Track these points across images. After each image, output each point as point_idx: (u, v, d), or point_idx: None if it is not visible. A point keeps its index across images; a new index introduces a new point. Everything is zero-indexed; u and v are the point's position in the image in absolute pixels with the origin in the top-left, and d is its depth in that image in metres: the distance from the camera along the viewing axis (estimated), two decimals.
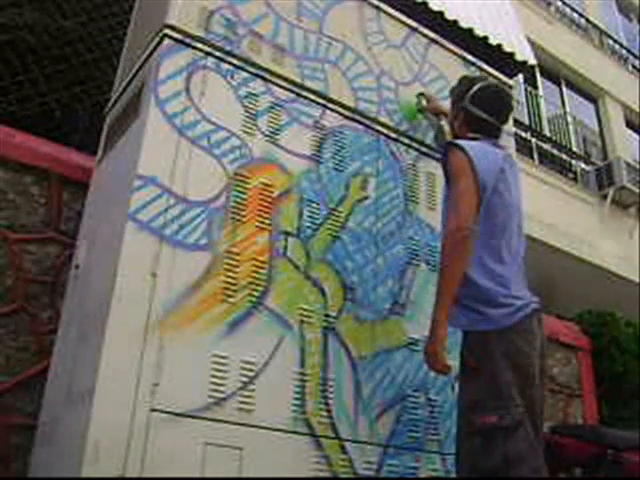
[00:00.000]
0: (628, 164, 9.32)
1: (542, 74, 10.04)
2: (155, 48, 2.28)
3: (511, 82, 3.49)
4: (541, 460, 1.80)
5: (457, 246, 1.92)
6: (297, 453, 2.04)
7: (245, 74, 2.38)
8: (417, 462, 2.28)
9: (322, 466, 2.07)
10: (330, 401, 2.16)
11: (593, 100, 10.95)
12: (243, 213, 2.19)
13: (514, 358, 1.85)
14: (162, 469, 1.79)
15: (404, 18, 3.01)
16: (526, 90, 9.67)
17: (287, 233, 2.27)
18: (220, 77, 2.31)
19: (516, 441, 1.78)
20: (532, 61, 3.93)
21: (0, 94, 3.53)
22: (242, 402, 1.99)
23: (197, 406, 1.90)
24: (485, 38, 3.51)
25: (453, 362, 2.03)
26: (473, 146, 2.06)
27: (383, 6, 2.93)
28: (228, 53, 2.35)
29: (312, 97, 2.53)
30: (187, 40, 2.26)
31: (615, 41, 11.65)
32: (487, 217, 2.01)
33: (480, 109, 2.23)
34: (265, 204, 2.25)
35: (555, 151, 9.59)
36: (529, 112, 9.53)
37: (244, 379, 2.01)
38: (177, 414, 1.86)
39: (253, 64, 2.40)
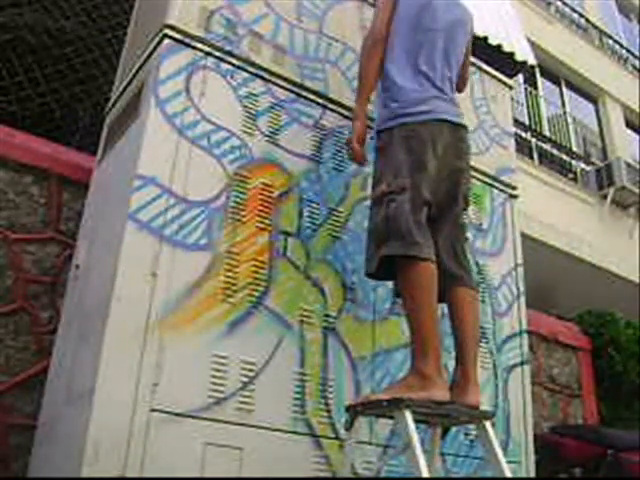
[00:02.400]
0: (628, 164, 9.31)
1: (542, 74, 10.05)
2: (155, 48, 2.28)
3: (511, 82, 3.49)
4: (417, 220, 2.01)
5: (369, 49, 2.29)
6: (297, 453, 2.04)
7: (245, 74, 2.38)
8: None
9: (322, 466, 2.07)
10: (330, 401, 2.16)
11: (593, 100, 10.95)
12: (243, 213, 2.19)
13: (409, 144, 2.12)
14: (162, 469, 1.79)
15: None
16: (526, 90, 9.68)
17: (287, 233, 2.27)
18: (220, 77, 2.31)
19: (397, 203, 2.03)
20: (532, 61, 3.94)
21: (0, 94, 3.53)
22: (242, 402, 1.99)
23: (197, 406, 1.90)
24: (485, 38, 3.51)
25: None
26: None
27: None
28: (228, 53, 2.35)
29: (312, 97, 2.53)
30: (187, 40, 2.26)
31: (615, 41, 11.64)
32: (409, 33, 2.29)
33: None
34: (265, 204, 2.25)
35: (555, 151, 9.60)
36: (529, 112, 9.53)
37: (244, 379, 2.01)
38: (177, 414, 1.86)
39: (253, 64, 2.40)
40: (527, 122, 9.38)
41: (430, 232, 2.07)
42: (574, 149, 9.97)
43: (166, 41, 2.22)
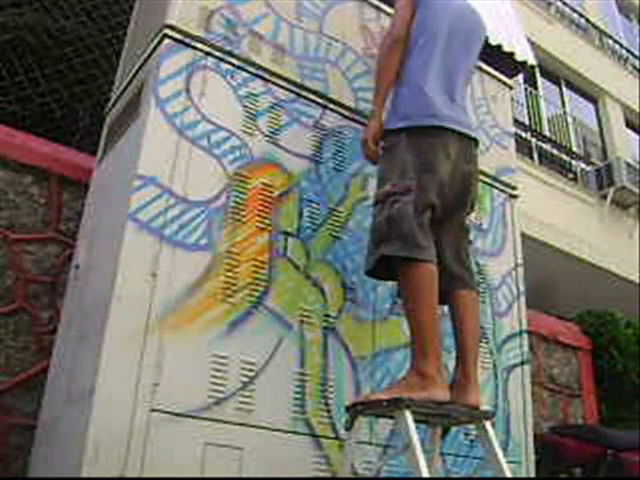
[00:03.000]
0: (628, 164, 9.32)
1: (542, 74, 10.05)
2: (155, 48, 2.28)
3: (511, 82, 3.49)
4: (420, 222, 2.02)
5: (388, 48, 2.28)
6: (297, 453, 2.04)
7: (245, 74, 2.38)
8: None
9: (322, 466, 2.07)
10: (330, 401, 2.16)
11: (593, 100, 10.95)
12: (243, 213, 2.19)
13: (417, 146, 2.12)
14: (162, 469, 1.79)
15: None
16: (526, 90, 9.68)
17: (287, 233, 2.27)
18: (220, 77, 2.31)
19: (400, 204, 2.03)
20: (532, 61, 3.93)
21: (0, 94, 3.53)
22: (242, 402, 1.99)
23: (197, 406, 1.90)
24: (485, 38, 3.50)
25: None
26: None
27: (383, 6, 2.93)
28: (228, 53, 2.35)
29: (312, 97, 2.53)
30: (187, 40, 2.26)
31: (615, 41, 11.65)
32: (428, 38, 2.28)
33: None
34: (265, 204, 2.25)
35: (555, 151, 9.60)
36: (529, 112, 9.53)
37: (244, 379, 2.01)
38: (177, 414, 1.86)
39: (253, 64, 2.40)
40: (527, 122, 9.38)
41: (434, 233, 2.08)
42: (574, 149, 9.97)
43: (166, 41, 2.22)
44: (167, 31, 2.23)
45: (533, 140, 9.26)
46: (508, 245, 2.97)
